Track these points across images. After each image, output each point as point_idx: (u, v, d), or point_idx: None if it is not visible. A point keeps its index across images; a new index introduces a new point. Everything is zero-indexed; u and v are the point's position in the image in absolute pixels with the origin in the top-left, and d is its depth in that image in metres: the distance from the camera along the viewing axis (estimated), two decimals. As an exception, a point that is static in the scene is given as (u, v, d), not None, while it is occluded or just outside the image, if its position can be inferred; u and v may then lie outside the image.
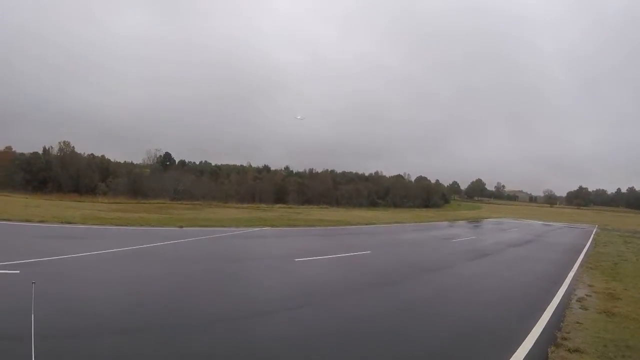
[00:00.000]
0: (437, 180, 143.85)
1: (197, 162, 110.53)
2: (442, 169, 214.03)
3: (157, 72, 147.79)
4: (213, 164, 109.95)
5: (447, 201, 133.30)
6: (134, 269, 15.89)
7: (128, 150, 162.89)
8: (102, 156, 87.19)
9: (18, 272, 13.17)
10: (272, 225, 34.80)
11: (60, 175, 72.04)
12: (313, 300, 12.83)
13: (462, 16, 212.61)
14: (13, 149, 76.04)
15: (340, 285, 15.20)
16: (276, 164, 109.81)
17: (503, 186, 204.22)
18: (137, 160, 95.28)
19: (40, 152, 77.37)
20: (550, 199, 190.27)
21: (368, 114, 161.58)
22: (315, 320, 10.72)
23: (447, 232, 44.17)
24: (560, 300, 14.76)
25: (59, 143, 79.08)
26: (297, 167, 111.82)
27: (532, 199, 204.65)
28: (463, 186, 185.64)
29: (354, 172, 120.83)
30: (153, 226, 28.78)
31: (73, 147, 79.95)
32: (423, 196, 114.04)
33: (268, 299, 12.68)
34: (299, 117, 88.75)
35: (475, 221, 66.81)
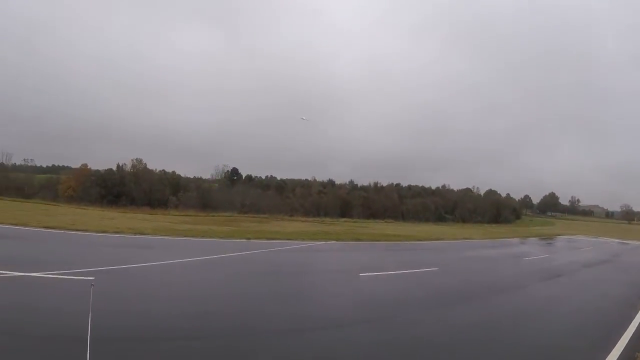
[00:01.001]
0: (508, 194, 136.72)
1: (263, 177, 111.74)
2: (513, 182, 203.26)
3: (224, 91, 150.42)
4: (279, 178, 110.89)
5: (518, 217, 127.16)
6: (203, 279, 16.36)
7: (197, 166, 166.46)
8: (173, 172, 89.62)
9: (93, 278, 13.69)
10: (337, 239, 34.72)
11: (133, 190, 74.61)
12: (377, 316, 12.57)
13: (529, 17, 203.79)
14: (88, 166, 79.38)
15: (405, 302, 14.68)
16: (341, 178, 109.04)
17: (577, 200, 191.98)
18: (206, 175, 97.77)
19: (115, 168, 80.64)
20: (628, 215, 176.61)
21: (433, 125, 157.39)
22: (378, 337, 10.44)
23: (518, 249, 42.42)
24: (638, 326, 14.01)
25: (132, 160, 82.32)
26: (361, 181, 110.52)
27: (609, 215, 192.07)
28: (535, 200, 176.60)
29: (420, 185, 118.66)
30: (221, 238, 29.38)
31: (145, 163, 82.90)
32: (493, 211, 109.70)
33: (331, 313, 12.58)
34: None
35: (547, 238, 64.04)
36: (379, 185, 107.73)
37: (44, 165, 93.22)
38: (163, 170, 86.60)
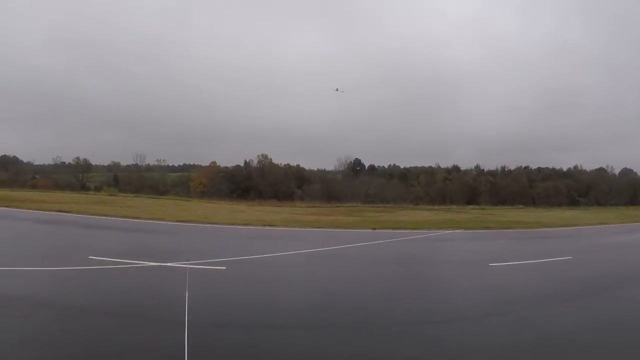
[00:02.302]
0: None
1: (386, 166, 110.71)
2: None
3: (342, 83, 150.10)
4: (402, 167, 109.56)
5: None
6: (329, 269, 16.48)
7: (320, 159, 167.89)
8: (297, 165, 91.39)
9: (224, 268, 14.33)
10: (465, 228, 33.43)
11: (260, 184, 77.32)
12: (509, 308, 11.71)
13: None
14: (217, 163, 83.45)
15: (539, 293, 13.69)
16: (466, 164, 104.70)
17: None
18: (329, 167, 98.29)
19: (242, 164, 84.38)
20: None
21: (560, 101, 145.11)
22: (511, 331, 9.66)
23: (660, 234, 39.19)
24: None
25: (258, 156, 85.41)
26: (488, 165, 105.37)
27: None
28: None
29: (551, 167, 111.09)
30: (347, 228, 29.58)
31: (271, 159, 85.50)
32: (630, 192, 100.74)
33: (460, 304, 12.06)
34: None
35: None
36: (506, 169, 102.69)
37: (176, 165, 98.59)
38: (288, 164, 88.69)
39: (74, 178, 76.37)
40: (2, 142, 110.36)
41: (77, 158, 78.16)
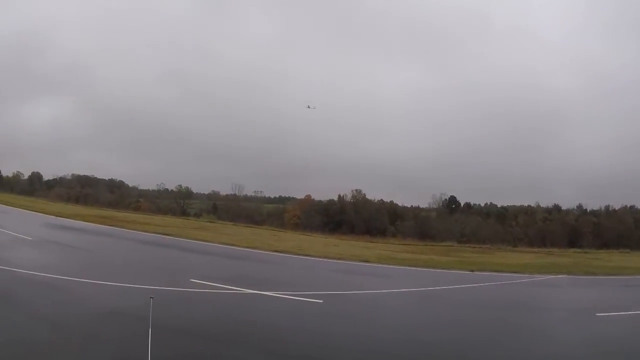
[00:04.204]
0: None
1: (482, 204, 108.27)
2: None
3: (437, 119, 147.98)
4: (499, 206, 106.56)
5: None
6: (432, 312, 16.02)
7: (414, 195, 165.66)
8: (391, 201, 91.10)
9: (321, 301, 14.21)
10: (568, 273, 31.84)
11: (353, 219, 77.61)
12: None
13: None
14: (312, 197, 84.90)
15: None
16: (567, 203, 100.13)
17: None
18: (423, 204, 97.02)
19: (335, 199, 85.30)
20: None
21: None
22: None
23: None
24: None
25: (352, 191, 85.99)
26: (591, 204, 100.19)
27: None
28: None
29: None
30: (443, 268, 28.60)
31: (364, 194, 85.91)
32: None
33: (563, 357, 11.29)
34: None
35: None
36: (610, 208, 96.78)
37: (272, 196, 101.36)
38: (381, 199, 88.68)
39: (175, 203, 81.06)
40: (112, 167, 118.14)
41: (180, 185, 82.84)
